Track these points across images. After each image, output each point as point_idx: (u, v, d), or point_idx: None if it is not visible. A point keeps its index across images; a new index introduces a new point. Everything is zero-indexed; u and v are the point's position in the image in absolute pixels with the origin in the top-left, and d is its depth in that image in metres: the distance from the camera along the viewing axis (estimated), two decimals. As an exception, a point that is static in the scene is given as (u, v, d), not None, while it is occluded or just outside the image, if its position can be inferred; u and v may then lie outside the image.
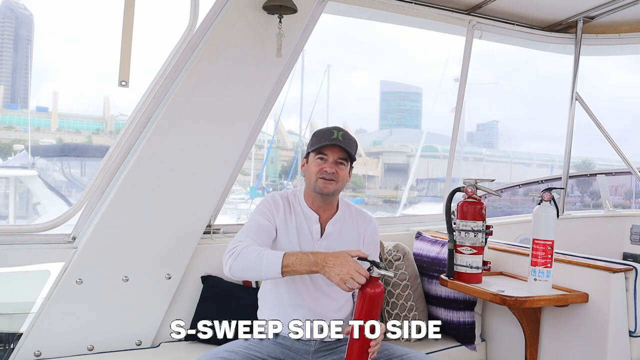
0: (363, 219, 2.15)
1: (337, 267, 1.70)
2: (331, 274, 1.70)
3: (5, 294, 3.07)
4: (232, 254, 1.84)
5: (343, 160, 1.99)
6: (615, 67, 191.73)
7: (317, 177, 1.98)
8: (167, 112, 2.37)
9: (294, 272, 1.77)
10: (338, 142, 1.96)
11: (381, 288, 1.71)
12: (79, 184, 10.68)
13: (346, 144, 1.97)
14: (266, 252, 1.80)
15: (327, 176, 1.97)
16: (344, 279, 1.68)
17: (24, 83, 54.69)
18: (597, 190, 4.45)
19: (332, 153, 1.98)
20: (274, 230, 2.02)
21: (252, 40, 2.46)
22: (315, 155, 2.00)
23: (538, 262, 2.13)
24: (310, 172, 2.02)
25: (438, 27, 3.30)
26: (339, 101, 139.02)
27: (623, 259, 3.85)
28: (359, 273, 1.68)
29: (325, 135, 1.99)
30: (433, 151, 39.15)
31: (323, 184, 1.98)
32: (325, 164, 1.98)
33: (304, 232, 2.05)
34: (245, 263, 1.81)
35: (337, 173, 1.98)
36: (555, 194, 2.21)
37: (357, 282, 1.68)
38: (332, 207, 2.10)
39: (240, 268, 1.83)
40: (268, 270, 1.77)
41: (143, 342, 2.47)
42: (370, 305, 1.71)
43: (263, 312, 2.12)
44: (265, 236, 1.98)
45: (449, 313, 2.63)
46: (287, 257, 1.76)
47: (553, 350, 2.28)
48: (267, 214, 2.03)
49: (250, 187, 23.18)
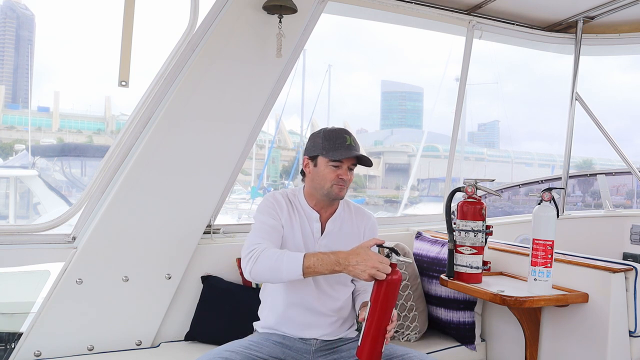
0: (362, 216, 2.16)
1: (361, 264, 1.69)
2: (357, 272, 1.70)
3: (5, 294, 3.08)
4: (251, 258, 1.82)
5: (353, 165, 2.02)
6: (611, 68, 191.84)
7: (332, 183, 1.98)
8: (167, 112, 2.37)
9: (316, 273, 1.77)
10: (353, 150, 1.97)
11: (399, 275, 1.70)
12: (80, 184, 10.68)
13: (358, 150, 2.00)
14: (286, 254, 1.80)
15: (341, 182, 1.98)
16: (371, 273, 1.67)
17: (25, 83, 54.75)
18: (599, 190, 4.45)
19: (347, 160, 1.98)
20: (281, 228, 2.01)
21: (252, 40, 2.46)
22: (328, 160, 1.98)
23: (538, 262, 2.13)
24: (321, 177, 1.99)
25: (438, 27, 3.30)
26: (340, 101, 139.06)
27: (623, 259, 3.85)
28: (383, 263, 1.68)
29: (339, 141, 1.98)
30: (434, 151, 39.17)
31: (339, 189, 1.98)
32: (341, 170, 1.98)
33: (306, 230, 2.05)
34: (266, 266, 1.80)
35: (349, 178, 2.01)
36: (555, 194, 2.21)
37: (383, 273, 1.67)
38: (332, 206, 2.10)
39: (261, 271, 1.81)
40: (290, 272, 1.76)
41: (143, 342, 2.47)
42: (388, 292, 1.69)
43: (264, 311, 2.12)
44: (276, 236, 1.97)
45: (449, 313, 2.63)
46: (307, 258, 1.76)
47: (553, 350, 2.28)
48: (272, 213, 2.01)
49: (252, 187, 23.19)
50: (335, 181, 1.97)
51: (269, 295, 2.10)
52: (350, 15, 3.11)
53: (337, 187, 1.98)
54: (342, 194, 2.00)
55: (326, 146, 1.98)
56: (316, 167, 2.01)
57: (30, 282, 3.02)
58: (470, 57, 3.37)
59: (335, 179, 1.97)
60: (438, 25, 3.25)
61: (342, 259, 1.73)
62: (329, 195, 2.00)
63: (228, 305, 2.48)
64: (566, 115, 3.74)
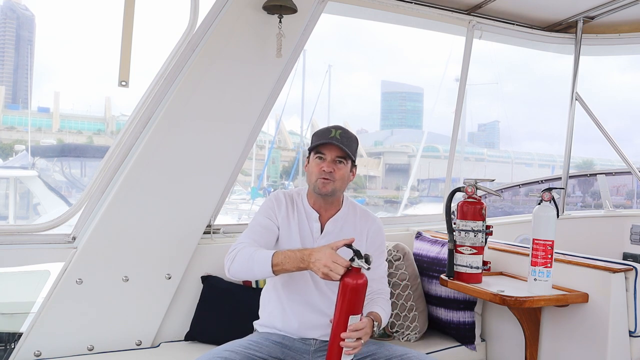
0: (367, 219, 2.15)
1: (319, 261, 1.70)
2: (315, 269, 1.71)
3: (5, 294, 3.08)
4: (229, 258, 1.89)
5: (341, 159, 1.99)
6: (611, 68, 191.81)
7: (316, 177, 1.98)
8: (167, 112, 2.37)
9: (284, 270, 1.79)
10: (335, 140, 1.95)
11: (363, 279, 1.66)
12: (79, 184, 10.69)
13: (343, 142, 1.97)
14: (257, 252, 1.83)
15: (324, 175, 1.97)
16: (324, 272, 1.67)
17: (25, 83, 54.73)
18: (599, 190, 4.44)
19: (329, 152, 1.98)
20: (276, 228, 2.04)
21: (252, 40, 2.46)
22: (314, 155, 2.01)
23: (538, 262, 2.13)
24: (310, 172, 2.03)
25: (438, 27, 3.30)
26: (340, 101, 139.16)
27: (623, 259, 3.85)
28: (337, 263, 1.66)
29: (324, 134, 2.00)
30: (434, 151, 39.14)
31: (322, 184, 1.98)
32: (324, 163, 1.98)
33: (305, 230, 2.06)
34: (240, 265, 1.86)
35: (335, 172, 1.97)
36: (555, 194, 2.21)
37: (336, 274, 1.66)
38: (334, 207, 2.10)
39: (237, 270, 1.88)
40: (260, 270, 1.81)
41: (143, 342, 2.47)
42: (349, 297, 1.66)
43: (264, 311, 2.12)
44: (266, 235, 2.00)
45: (449, 313, 2.63)
46: (276, 256, 1.79)
47: (553, 350, 2.28)
48: (269, 212, 2.05)
49: (252, 187, 23.18)
50: (319, 174, 1.97)
51: (269, 295, 2.11)
52: (350, 15, 3.11)
53: (320, 182, 1.98)
54: (325, 189, 1.98)
55: (314, 141, 2.01)
56: (309, 164, 2.04)
57: (30, 282, 3.02)
58: (470, 57, 3.37)
59: (320, 172, 1.97)
60: (438, 25, 3.25)
61: (305, 256, 1.74)
62: (316, 190, 2.01)
63: (228, 305, 2.48)
64: (566, 116, 3.74)
